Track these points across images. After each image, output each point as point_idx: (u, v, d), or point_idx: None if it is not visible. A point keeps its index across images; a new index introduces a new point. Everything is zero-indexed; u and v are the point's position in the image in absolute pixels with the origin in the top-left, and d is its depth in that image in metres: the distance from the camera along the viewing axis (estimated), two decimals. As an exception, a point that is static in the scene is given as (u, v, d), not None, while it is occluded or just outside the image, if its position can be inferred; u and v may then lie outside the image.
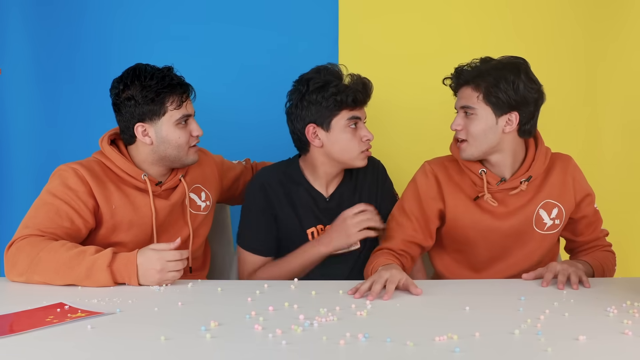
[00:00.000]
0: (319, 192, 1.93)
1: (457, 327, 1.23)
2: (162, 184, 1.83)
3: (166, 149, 1.79)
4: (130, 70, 1.78)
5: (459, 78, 1.76)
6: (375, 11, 2.50)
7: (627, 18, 2.48)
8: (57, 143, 2.46)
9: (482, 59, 1.76)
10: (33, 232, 1.65)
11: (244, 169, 2.14)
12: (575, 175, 1.84)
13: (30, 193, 2.43)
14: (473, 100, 1.73)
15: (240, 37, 2.49)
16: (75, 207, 1.70)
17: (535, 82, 1.73)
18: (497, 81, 1.69)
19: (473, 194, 1.81)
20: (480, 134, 1.73)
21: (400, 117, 2.45)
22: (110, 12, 2.45)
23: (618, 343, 1.18)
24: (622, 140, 2.53)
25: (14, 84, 2.43)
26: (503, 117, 1.72)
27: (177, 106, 1.76)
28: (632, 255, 2.46)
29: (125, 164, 1.78)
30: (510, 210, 1.79)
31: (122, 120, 1.80)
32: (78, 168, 1.74)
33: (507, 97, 1.69)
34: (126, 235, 1.78)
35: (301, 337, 1.19)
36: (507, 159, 1.78)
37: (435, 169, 1.85)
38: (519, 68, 1.71)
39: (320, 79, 1.83)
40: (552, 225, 1.81)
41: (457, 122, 1.77)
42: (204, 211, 1.94)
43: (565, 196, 1.81)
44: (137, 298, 1.47)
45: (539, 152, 1.80)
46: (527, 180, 1.77)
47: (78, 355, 1.12)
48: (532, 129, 1.77)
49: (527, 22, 2.50)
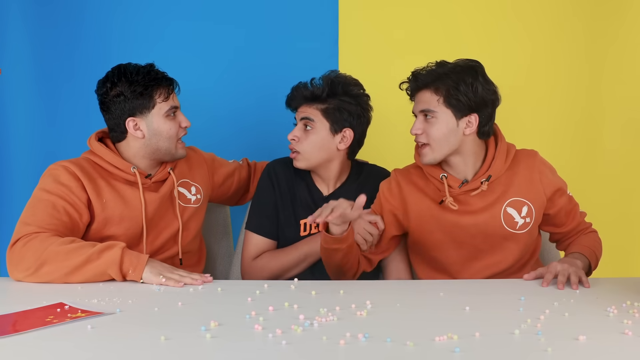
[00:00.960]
0: (318, 189, 2.00)
1: (457, 327, 1.23)
2: (151, 177, 1.87)
3: (158, 141, 1.84)
4: (114, 69, 1.83)
5: (417, 82, 1.77)
6: (375, 11, 2.51)
7: (627, 18, 2.48)
8: (56, 143, 2.46)
9: (438, 63, 1.77)
10: (36, 230, 1.66)
11: (239, 166, 2.16)
12: (542, 170, 1.83)
13: (30, 193, 2.43)
14: (433, 104, 1.74)
15: (240, 37, 2.49)
16: (71, 202, 1.74)
17: (491, 84, 1.76)
18: (457, 84, 1.71)
19: (438, 198, 1.82)
20: (442, 138, 1.74)
21: (400, 117, 2.45)
22: (110, 11, 2.45)
23: (618, 343, 1.18)
24: (622, 139, 2.53)
25: (14, 84, 2.43)
26: (463, 120, 1.74)
27: (165, 98, 1.83)
28: (632, 255, 2.46)
29: (114, 158, 1.83)
30: (475, 210, 1.80)
31: (111, 118, 1.84)
32: (68, 165, 1.78)
33: (467, 100, 1.71)
34: (118, 228, 1.81)
35: (301, 337, 1.19)
36: (468, 161, 1.79)
37: (399, 177, 1.88)
38: (477, 70, 1.73)
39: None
40: (523, 224, 1.80)
41: (417, 126, 1.77)
42: (194, 204, 1.97)
43: (533, 193, 1.81)
44: (137, 298, 1.47)
45: (499, 150, 1.80)
46: (487, 179, 1.77)
47: (78, 355, 1.12)
48: (490, 130, 1.79)
49: (527, 22, 2.51)
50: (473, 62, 1.77)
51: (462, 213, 1.80)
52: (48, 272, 1.60)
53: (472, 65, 1.75)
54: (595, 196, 2.39)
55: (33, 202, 1.74)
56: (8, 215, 2.46)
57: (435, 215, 1.82)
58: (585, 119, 2.53)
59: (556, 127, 2.53)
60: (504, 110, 1.84)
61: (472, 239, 1.82)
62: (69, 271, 1.60)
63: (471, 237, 1.81)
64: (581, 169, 2.50)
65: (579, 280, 1.59)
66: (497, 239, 1.81)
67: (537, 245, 1.92)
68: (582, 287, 1.58)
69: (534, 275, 1.66)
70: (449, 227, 1.81)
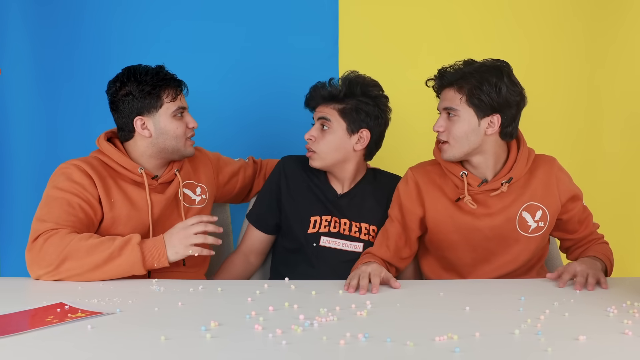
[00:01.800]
0: (332, 187, 2.00)
1: (457, 327, 1.23)
2: (158, 178, 1.88)
3: (165, 140, 1.85)
4: (124, 70, 1.86)
5: (442, 80, 1.77)
6: (376, 11, 2.50)
7: (627, 18, 2.48)
8: (56, 143, 2.46)
9: (466, 62, 1.77)
10: (54, 227, 1.67)
11: (244, 164, 2.16)
12: (560, 176, 1.83)
13: (30, 192, 2.44)
14: (456, 102, 1.74)
15: (240, 36, 2.49)
16: (85, 199, 1.75)
17: (517, 85, 1.75)
18: (480, 83, 1.70)
19: (455, 196, 1.82)
20: (462, 136, 1.74)
21: (400, 116, 2.45)
22: (110, 11, 2.45)
23: (618, 343, 1.18)
24: (622, 139, 2.53)
25: (14, 84, 2.43)
26: (485, 119, 1.73)
27: (173, 99, 1.85)
28: (632, 255, 2.46)
29: (122, 157, 1.84)
30: (492, 212, 1.79)
31: (120, 117, 1.86)
32: (79, 163, 1.80)
33: (490, 100, 1.70)
34: (124, 228, 1.81)
35: (301, 337, 1.19)
36: (489, 161, 1.79)
37: (416, 175, 1.87)
38: (502, 71, 1.72)
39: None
40: (536, 228, 1.80)
41: (440, 123, 1.78)
42: (199, 204, 1.98)
43: (549, 198, 1.80)
44: (137, 298, 1.47)
45: (521, 154, 1.80)
46: (507, 181, 1.77)
47: (78, 355, 1.12)
48: (513, 131, 1.78)
49: (527, 22, 2.50)
50: (500, 62, 1.76)
51: (479, 214, 1.79)
52: (69, 268, 1.61)
53: (498, 65, 1.74)
54: (595, 196, 2.38)
55: (47, 201, 1.74)
56: (8, 214, 2.46)
57: (452, 215, 1.81)
58: (585, 119, 2.53)
59: (556, 127, 2.53)
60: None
61: (487, 241, 1.81)
62: (91, 268, 1.62)
63: (486, 239, 1.81)
64: (581, 169, 2.50)
65: (596, 281, 1.58)
66: (510, 241, 1.81)
67: (545, 250, 1.91)
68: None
69: (556, 274, 1.64)
70: (465, 229, 1.80)
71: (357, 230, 1.95)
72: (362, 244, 1.95)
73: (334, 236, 1.95)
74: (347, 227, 1.96)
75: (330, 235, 1.95)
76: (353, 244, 1.95)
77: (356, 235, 1.95)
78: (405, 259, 1.89)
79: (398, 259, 1.87)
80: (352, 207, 1.97)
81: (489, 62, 1.75)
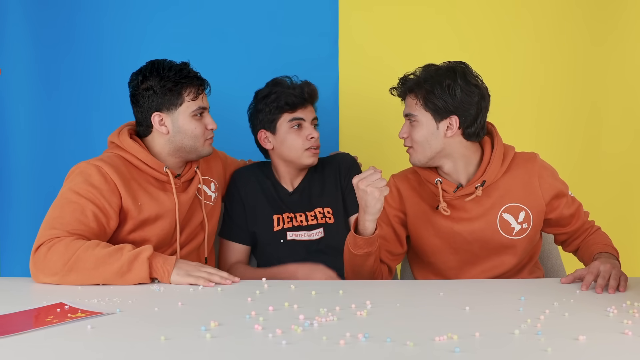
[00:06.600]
0: (283, 186, 2.12)
1: (457, 327, 1.23)
2: (180, 176, 1.85)
3: (182, 139, 1.82)
4: (148, 64, 1.82)
5: (403, 87, 1.79)
6: (376, 11, 2.50)
7: (627, 18, 2.48)
8: (56, 143, 2.46)
9: (424, 67, 1.78)
10: (62, 234, 1.62)
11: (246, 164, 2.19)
12: (542, 173, 1.80)
13: (30, 193, 2.44)
14: (414, 108, 1.75)
15: (240, 36, 2.49)
16: (100, 206, 1.68)
17: (474, 84, 1.73)
18: (433, 87, 1.71)
19: (434, 203, 1.82)
20: (423, 140, 1.75)
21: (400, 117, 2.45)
22: (110, 11, 2.45)
23: (618, 343, 1.18)
24: (622, 139, 2.53)
25: (14, 84, 2.43)
26: (443, 122, 1.73)
27: (194, 97, 1.81)
28: (632, 255, 2.46)
29: (148, 156, 1.79)
30: (471, 217, 1.78)
31: (139, 112, 1.83)
32: (101, 165, 1.72)
33: (444, 102, 1.71)
34: (151, 229, 1.78)
35: (301, 337, 1.19)
36: (458, 165, 1.78)
37: (398, 182, 1.88)
38: (456, 72, 1.72)
39: (265, 89, 2.07)
40: (520, 230, 1.78)
41: (403, 130, 1.80)
42: (213, 202, 1.99)
43: (531, 198, 1.78)
44: (137, 298, 1.47)
45: (494, 155, 1.77)
46: (481, 185, 1.76)
47: (78, 355, 1.12)
48: (478, 131, 1.76)
49: (527, 22, 2.51)
50: (455, 64, 1.75)
51: (457, 219, 1.79)
52: (75, 279, 1.58)
53: (453, 67, 1.74)
54: (595, 196, 2.39)
55: (61, 203, 1.68)
56: (8, 214, 2.46)
57: (431, 220, 1.82)
58: (585, 119, 2.53)
59: (556, 128, 2.53)
60: (504, 111, 1.83)
61: (468, 245, 1.80)
62: (98, 281, 1.58)
63: (467, 243, 1.80)
64: (581, 169, 2.50)
65: (618, 284, 1.53)
66: (494, 245, 1.79)
67: (537, 249, 1.90)
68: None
69: (572, 278, 1.61)
70: (445, 233, 1.81)
71: (314, 217, 2.06)
72: (322, 228, 2.06)
73: (297, 229, 2.06)
74: (303, 219, 2.07)
75: (294, 230, 2.06)
76: (315, 232, 2.06)
77: (314, 222, 2.06)
78: (397, 255, 1.89)
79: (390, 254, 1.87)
80: (304, 199, 2.09)
81: (445, 65, 1.75)
